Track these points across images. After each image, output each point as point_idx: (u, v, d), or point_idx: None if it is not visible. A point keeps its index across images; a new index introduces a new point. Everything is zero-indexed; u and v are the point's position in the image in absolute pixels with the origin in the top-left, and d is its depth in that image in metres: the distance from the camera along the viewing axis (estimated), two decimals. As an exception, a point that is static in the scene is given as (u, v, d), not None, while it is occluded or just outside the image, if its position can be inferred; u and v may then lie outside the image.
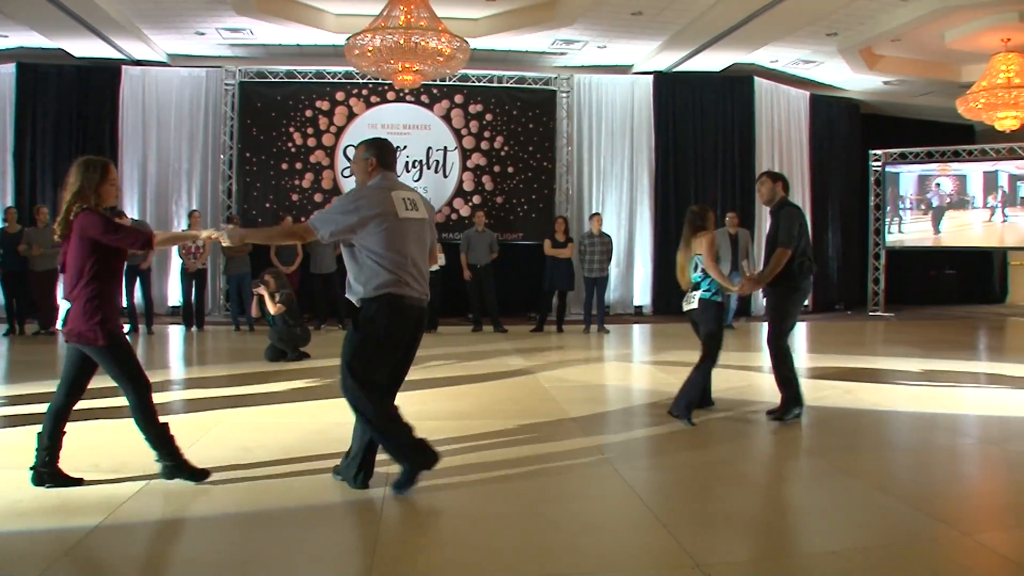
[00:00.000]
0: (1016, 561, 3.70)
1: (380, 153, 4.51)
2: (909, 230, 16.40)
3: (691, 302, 6.42)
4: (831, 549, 3.79)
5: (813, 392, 7.14)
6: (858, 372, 8.89)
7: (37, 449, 4.36)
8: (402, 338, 4.40)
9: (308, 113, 14.13)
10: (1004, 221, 15.70)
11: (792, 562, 3.70)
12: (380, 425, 4.28)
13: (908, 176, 16.41)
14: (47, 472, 4.35)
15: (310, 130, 14.15)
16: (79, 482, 4.38)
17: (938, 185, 16.20)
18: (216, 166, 14.14)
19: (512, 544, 3.80)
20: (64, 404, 4.43)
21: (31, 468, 4.35)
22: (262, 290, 9.29)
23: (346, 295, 4.46)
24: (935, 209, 16.22)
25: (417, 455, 4.30)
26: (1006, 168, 15.70)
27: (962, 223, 16.01)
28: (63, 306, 4.37)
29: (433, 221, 4.72)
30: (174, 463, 4.44)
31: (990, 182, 15.80)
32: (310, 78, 14.14)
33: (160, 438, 4.44)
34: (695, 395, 6.24)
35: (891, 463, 5.39)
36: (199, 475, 4.46)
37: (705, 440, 5.81)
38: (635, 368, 9.39)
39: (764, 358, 6.83)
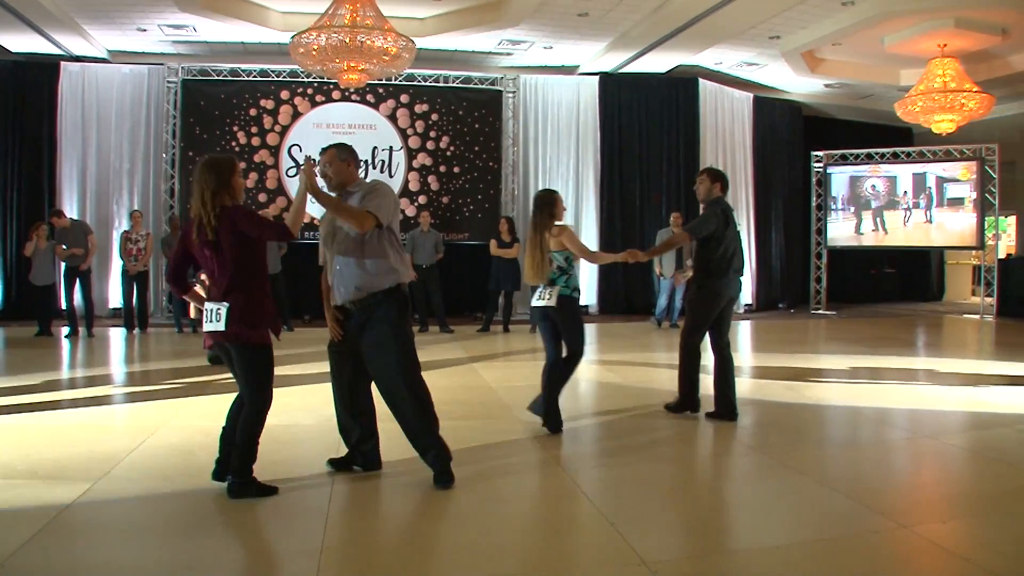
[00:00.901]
0: (952, 551, 3.80)
1: (354, 155, 4.78)
2: (847, 230, 16.71)
3: (546, 299, 6.04)
4: (775, 544, 3.85)
5: (756, 389, 7.26)
6: (800, 369, 9.03)
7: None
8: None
9: (252, 112, 13.94)
10: (930, 222, 16.12)
11: (736, 557, 3.74)
12: (419, 402, 4.67)
13: (840, 177, 16.73)
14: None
15: (254, 129, 13.97)
16: None
17: (874, 187, 16.54)
18: (158, 165, 13.88)
19: (461, 544, 3.79)
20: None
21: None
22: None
23: (376, 282, 4.54)
24: (870, 209, 16.55)
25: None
26: (934, 170, 16.12)
27: (893, 223, 16.39)
28: (215, 308, 4.27)
29: None
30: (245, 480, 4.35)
31: (919, 183, 16.20)
32: (254, 76, 13.96)
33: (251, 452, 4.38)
34: (556, 396, 6.03)
35: (832, 458, 5.48)
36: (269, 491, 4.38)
37: (651, 438, 5.86)
38: (581, 367, 9.39)
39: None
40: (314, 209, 7.87)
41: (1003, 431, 6.16)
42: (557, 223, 6.05)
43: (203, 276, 9.20)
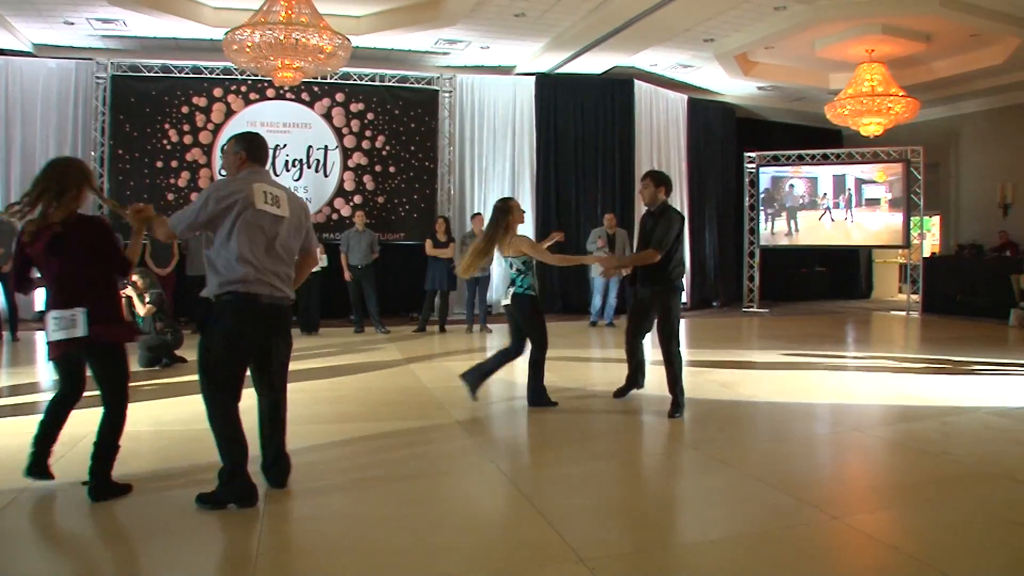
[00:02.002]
0: (880, 540, 3.91)
1: (249, 147, 4.42)
2: (778, 229, 17.05)
3: (506, 299, 6.82)
4: (710, 538, 3.91)
5: (692, 386, 7.33)
6: (734, 366, 9.18)
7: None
8: (253, 338, 4.25)
9: (184, 109, 13.68)
10: (851, 221, 16.56)
11: (672, 552, 3.79)
12: (219, 429, 4.21)
13: (763, 177, 17.07)
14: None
15: (186, 127, 13.71)
16: None
17: (792, 187, 16.94)
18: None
19: (396, 546, 3.77)
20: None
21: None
22: (129, 291, 8.92)
23: (201, 294, 4.36)
24: (788, 209, 16.95)
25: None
26: (853, 172, 16.57)
27: (813, 223, 16.83)
28: (67, 315, 4.27)
29: (305, 223, 4.57)
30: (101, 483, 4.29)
31: (839, 184, 16.64)
32: (187, 73, 13.70)
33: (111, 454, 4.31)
34: (539, 385, 6.73)
35: (766, 453, 5.57)
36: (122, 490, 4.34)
37: (587, 435, 5.90)
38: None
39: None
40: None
41: (927, 423, 6.34)
42: (519, 234, 6.77)
43: (134, 277, 9.05)
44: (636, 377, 7.17)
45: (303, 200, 4.70)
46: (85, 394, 4.42)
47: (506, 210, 6.69)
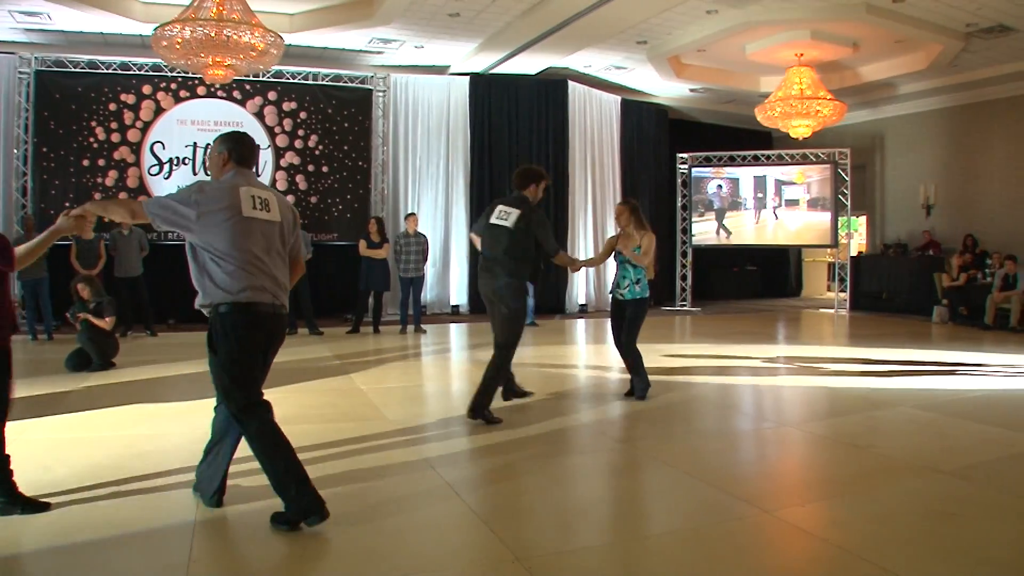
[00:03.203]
0: (811, 533, 4.00)
1: (234, 147, 4.17)
2: (707, 228, 17.35)
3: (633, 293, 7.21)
4: (646, 534, 3.95)
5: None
6: (667, 364, 9.28)
7: None
8: (256, 349, 4.04)
9: (112, 106, 13.36)
10: (772, 221, 17.03)
11: (608, 549, 3.81)
12: (262, 448, 3.98)
13: (695, 177, 17.37)
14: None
15: (114, 125, 13.38)
16: None
17: (720, 187, 17.25)
18: (9, 162, 13.04)
19: (332, 551, 3.74)
20: None
21: None
22: (88, 316, 8.70)
23: (195, 305, 4.09)
24: (717, 210, 17.26)
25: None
26: (773, 173, 16.94)
27: (737, 224, 17.19)
28: None
29: (294, 225, 4.35)
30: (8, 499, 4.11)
31: (759, 185, 17.00)
32: (114, 69, 13.36)
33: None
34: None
35: (698, 449, 5.64)
36: (39, 507, 4.15)
37: (523, 436, 5.90)
38: (452, 368, 9.43)
39: (576, 354, 7.03)
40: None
41: (855, 418, 6.50)
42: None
43: (79, 286, 8.83)
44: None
45: (289, 203, 4.46)
46: (25, 395, 4.26)
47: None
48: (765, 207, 16.98)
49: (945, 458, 5.30)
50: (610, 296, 7.43)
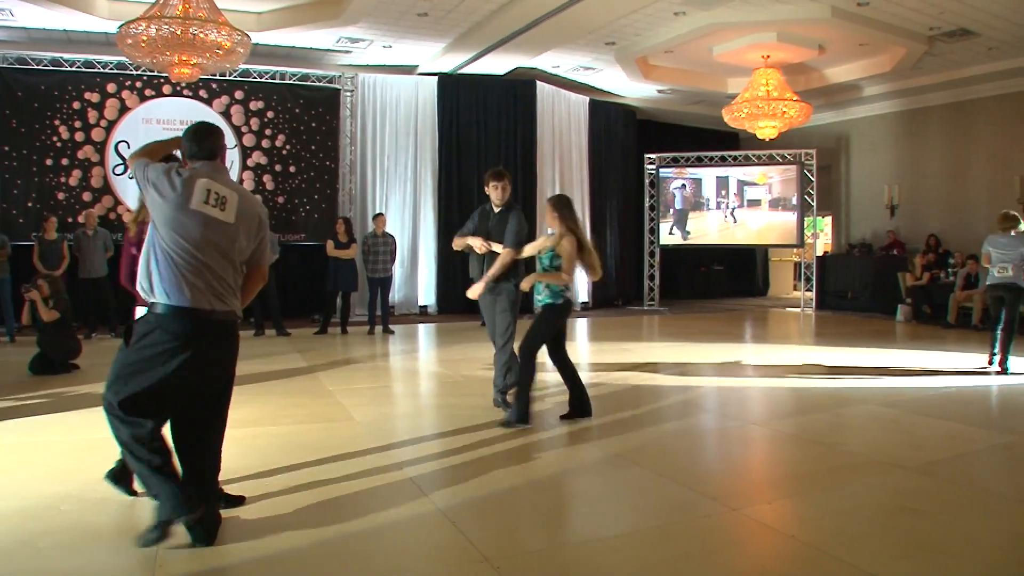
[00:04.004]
0: (778, 530, 4.03)
1: (189, 140, 3.99)
2: (670, 228, 17.50)
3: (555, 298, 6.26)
4: (613, 533, 3.95)
5: (593, 384, 7.44)
6: (635, 363, 9.33)
7: None
8: (161, 356, 3.68)
9: (76, 105, 13.19)
10: (734, 222, 17.16)
11: (577, 549, 3.81)
12: (130, 450, 3.71)
13: (663, 178, 17.51)
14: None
15: (78, 123, 13.22)
16: None
17: (683, 186, 17.38)
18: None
19: (300, 552, 3.71)
20: None
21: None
22: (34, 295, 8.58)
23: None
24: (678, 211, 17.39)
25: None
26: (735, 174, 17.11)
27: (699, 225, 17.38)
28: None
29: (259, 232, 4.05)
30: None
31: (722, 186, 17.16)
32: (79, 67, 13.19)
33: None
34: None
35: (666, 447, 5.67)
36: None
37: (489, 437, 5.89)
38: (421, 369, 9.42)
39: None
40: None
41: (821, 415, 6.57)
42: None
43: (40, 281, 8.71)
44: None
45: (263, 208, 4.19)
46: None
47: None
48: (728, 207, 17.13)
49: (909, 454, 5.37)
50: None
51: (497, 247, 6.49)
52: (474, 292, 6.55)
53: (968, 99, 15.81)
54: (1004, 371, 8.56)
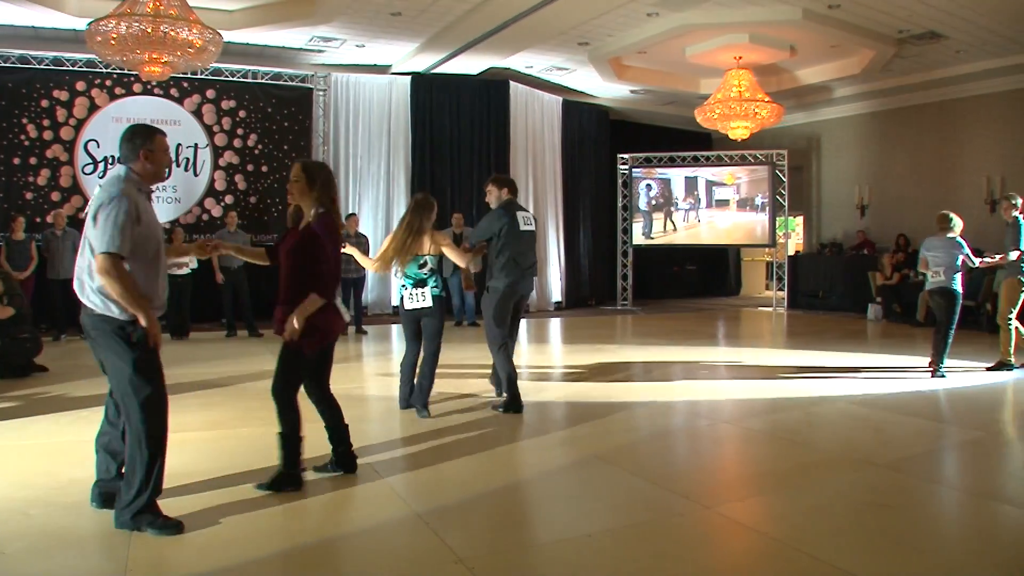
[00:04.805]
0: (751, 527, 4.06)
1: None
2: (640, 229, 17.59)
3: (421, 300, 6.33)
4: (586, 532, 3.95)
5: (565, 383, 7.46)
6: (607, 362, 9.35)
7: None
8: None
9: (44, 103, 13.01)
10: (700, 222, 17.31)
11: (549, 548, 3.83)
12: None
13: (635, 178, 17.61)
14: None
15: (46, 122, 13.04)
16: None
17: (649, 186, 17.47)
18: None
19: (274, 557, 3.69)
20: None
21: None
22: None
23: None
24: (643, 212, 17.49)
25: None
26: (704, 174, 17.23)
27: (668, 225, 17.50)
28: None
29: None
30: None
31: (690, 186, 17.29)
32: (47, 65, 13.01)
33: None
34: (428, 386, 6.48)
35: (639, 446, 5.70)
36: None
37: (462, 437, 5.89)
38: (394, 368, 9.36)
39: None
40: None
41: (793, 414, 6.63)
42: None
43: None
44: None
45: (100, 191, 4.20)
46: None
47: (430, 205, 6.33)
48: (699, 207, 17.24)
49: (879, 451, 5.43)
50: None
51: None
52: None
53: (937, 101, 15.98)
54: (936, 374, 8.37)
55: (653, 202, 17.41)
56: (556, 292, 16.71)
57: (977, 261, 8.59)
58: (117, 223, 3.84)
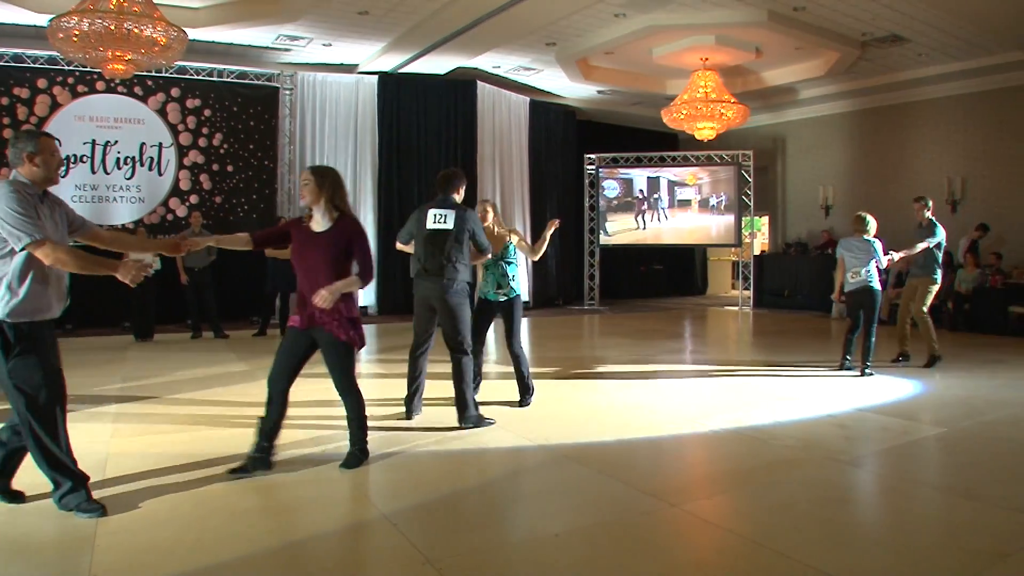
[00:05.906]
0: (716, 524, 4.10)
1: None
2: (613, 228, 17.65)
3: (503, 295, 6.89)
4: (554, 531, 3.97)
5: (538, 385, 7.45)
6: (576, 362, 9.38)
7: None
8: None
9: (4, 101, 12.79)
10: (662, 220, 17.47)
11: (518, 548, 3.84)
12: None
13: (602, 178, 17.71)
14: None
15: (6, 120, 12.82)
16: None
17: (612, 187, 17.58)
18: None
19: (248, 557, 3.67)
20: None
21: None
22: None
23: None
24: (601, 212, 17.61)
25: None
26: (666, 175, 17.35)
27: (628, 224, 17.64)
28: None
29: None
30: None
31: (652, 186, 17.42)
32: (7, 61, 12.80)
33: None
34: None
35: (608, 446, 5.69)
36: None
37: (431, 439, 5.87)
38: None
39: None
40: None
41: (758, 412, 6.68)
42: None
43: None
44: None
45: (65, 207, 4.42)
46: None
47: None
48: (661, 207, 17.38)
49: (842, 447, 5.50)
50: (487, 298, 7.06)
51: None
52: None
53: (901, 103, 16.18)
54: (864, 373, 8.55)
55: (615, 203, 17.50)
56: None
57: (885, 260, 8.79)
58: (18, 214, 3.87)
